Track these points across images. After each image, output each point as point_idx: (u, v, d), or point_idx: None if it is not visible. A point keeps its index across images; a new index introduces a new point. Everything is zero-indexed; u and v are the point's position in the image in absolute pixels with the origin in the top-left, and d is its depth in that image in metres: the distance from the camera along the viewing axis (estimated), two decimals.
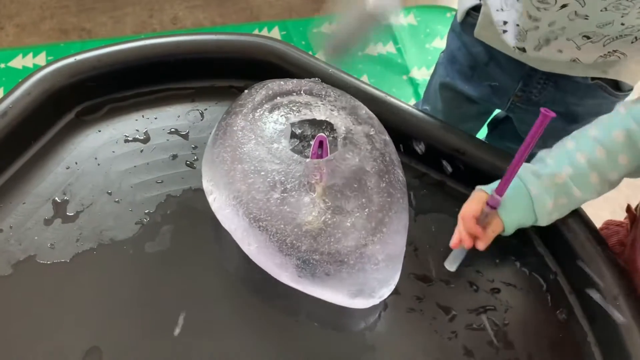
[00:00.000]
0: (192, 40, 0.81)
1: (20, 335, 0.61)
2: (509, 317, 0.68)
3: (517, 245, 0.74)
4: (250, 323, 0.63)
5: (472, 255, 0.72)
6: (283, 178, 0.61)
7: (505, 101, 0.90)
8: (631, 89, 0.83)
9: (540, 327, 0.68)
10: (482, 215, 0.68)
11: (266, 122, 0.66)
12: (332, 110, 0.69)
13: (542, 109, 0.55)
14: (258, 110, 0.67)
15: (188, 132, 0.79)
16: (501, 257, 0.72)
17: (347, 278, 0.60)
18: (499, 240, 0.73)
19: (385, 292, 0.63)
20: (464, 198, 0.77)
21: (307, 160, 0.63)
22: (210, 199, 0.66)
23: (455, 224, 0.71)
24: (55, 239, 0.68)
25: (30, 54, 1.78)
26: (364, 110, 0.70)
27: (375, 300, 0.63)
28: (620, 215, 0.83)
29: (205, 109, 0.81)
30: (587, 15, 0.68)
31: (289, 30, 1.91)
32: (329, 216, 0.60)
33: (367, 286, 0.61)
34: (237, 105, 0.69)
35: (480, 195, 0.70)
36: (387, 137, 0.69)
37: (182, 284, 0.66)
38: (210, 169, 0.66)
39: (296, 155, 0.63)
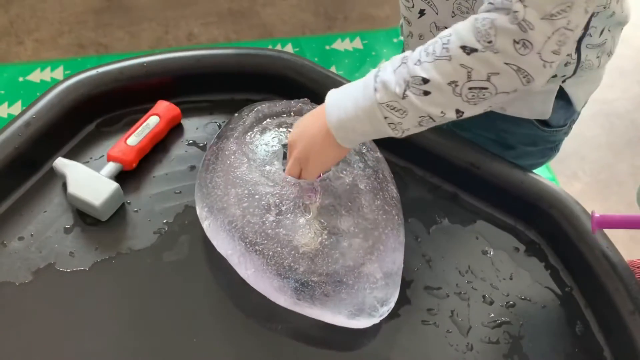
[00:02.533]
0: (212, 55, 0.83)
1: (39, 342, 0.62)
2: (524, 331, 0.68)
3: (531, 259, 0.74)
4: (263, 335, 0.64)
5: (486, 269, 0.72)
6: (277, 200, 0.62)
7: None
8: (564, 125, 0.80)
9: (555, 341, 0.68)
10: None
11: (258, 145, 0.67)
12: None
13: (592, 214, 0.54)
14: (249, 134, 0.69)
15: (206, 143, 0.80)
16: (516, 271, 0.72)
17: (346, 298, 0.60)
18: (514, 254, 0.74)
19: (385, 310, 0.63)
20: (477, 211, 0.77)
21: (301, 181, 0.63)
22: (204, 225, 0.67)
23: (469, 236, 0.71)
24: (75, 247, 0.69)
25: (48, 68, 1.81)
26: None
27: (376, 320, 0.63)
28: (634, 232, 0.82)
29: (223, 122, 0.83)
30: (445, 26, 0.67)
31: (302, 46, 1.94)
32: (326, 237, 0.60)
33: (366, 305, 0.61)
34: (228, 129, 0.70)
35: None
36: (379, 154, 0.70)
37: (198, 293, 0.67)
38: (203, 195, 0.67)
39: (289, 177, 0.64)
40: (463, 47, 0.49)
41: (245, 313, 0.65)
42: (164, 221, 0.72)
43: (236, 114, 0.72)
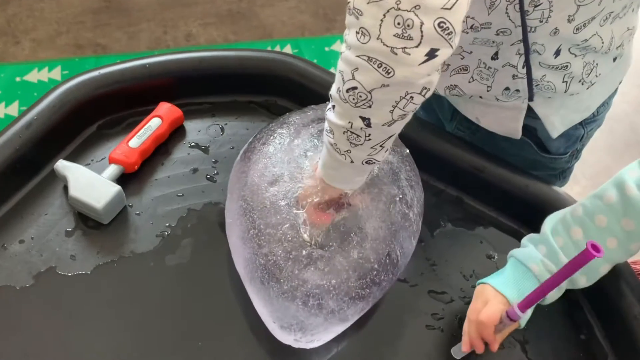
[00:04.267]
0: (214, 56, 0.83)
1: (40, 346, 0.61)
2: (529, 336, 0.67)
3: None
4: (266, 340, 0.63)
5: (490, 274, 0.71)
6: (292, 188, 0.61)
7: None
8: (565, 154, 0.79)
9: (560, 346, 0.67)
10: (499, 325, 0.60)
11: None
12: None
13: (588, 243, 0.49)
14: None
15: (208, 146, 0.79)
16: None
17: (274, 298, 0.58)
18: None
19: (303, 339, 0.59)
20: (482, 215, 0.77)
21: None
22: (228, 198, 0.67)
23: (473, 240, 0.71)
24: (76, 251, 0.68)
25: (46, 68, 1.80)
26: None
27: (292, 342, 0.60)
28: None
29: (226, 124, 0.82)
30: None
31: (301, 48, 1.93)
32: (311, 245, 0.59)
33: (288, 320, 0.58)
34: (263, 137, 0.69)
35: (496, 301, 0.61)
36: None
37: (202, 296, 0.66)
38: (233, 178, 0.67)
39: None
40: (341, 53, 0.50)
41: (249, 317, 0.64)
42: (167, 224, 0.71)
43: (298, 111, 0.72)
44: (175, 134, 0.80)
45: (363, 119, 0.50)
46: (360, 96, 0.48)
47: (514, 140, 0.77)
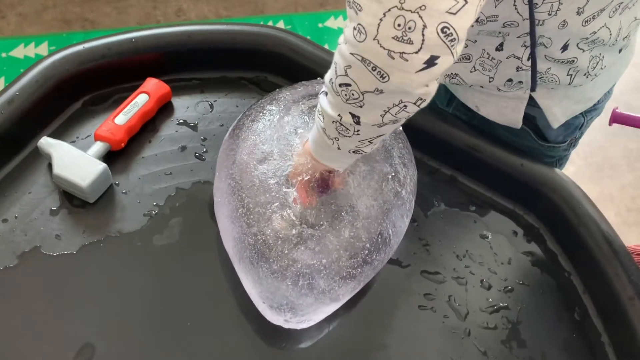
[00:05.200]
0: (204, 30, 0.80)
1: (24, 327, 0.60)
2: (522, 316, 0.67)
3: (530, 244, 0.73)
4: (256, 320, 0.62)
5: (484, 253, 0.71)
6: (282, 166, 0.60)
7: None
8: (563, 142, 0.78)
9: (553, 326, 0.67)
10: None
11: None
12: None
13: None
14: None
15: (197, 123, 0.77)
16: (514, 256, 0.71)
17: (264, 278, 0.57)
18: (513, 239, 0.73)
19: (291, 318, 0.58)
20: (475, 194, 0.76)
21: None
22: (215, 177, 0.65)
23: (467, 220, 0.69)
24: (61, 230, 0.66)
25: (32, 44, 1.76)
26: None
27: (282, 322, 0.59)
28: (626, 216, 0.82)
29: (215, 100, 0.80)
30: None
31: (294, 24, 1.90)
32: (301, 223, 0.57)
33: (278, 300, 0.57)
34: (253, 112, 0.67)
35: None
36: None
37: (190, 277, 0.65)
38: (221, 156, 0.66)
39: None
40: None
41: (239, 298, 0.63)
42: (154, 203, 0.69)
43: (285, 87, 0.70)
44: (163, 110, 0.78)
45: (353, 115, 0.48)
46: (353, 94, 0.46)
47: (512, 128, 0.76)
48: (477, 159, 0.75)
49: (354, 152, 0.54)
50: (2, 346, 0.58)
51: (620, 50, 0.68)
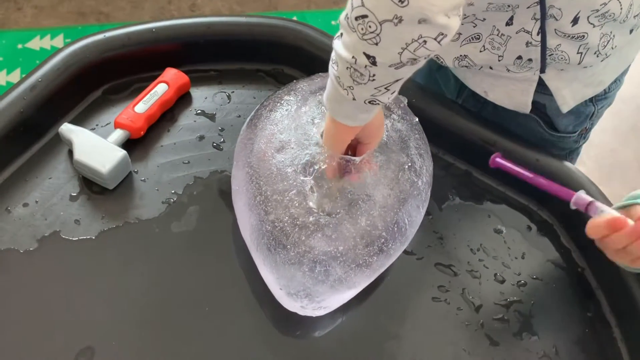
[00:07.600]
0: (223, 22, 0.81)
1: (43, 310, 0.61)
2: (535, 311, 0.67)
3: (544, 239, 0.73)
4: (272, 307, 0.63)
5: (498, 248, 0.71)
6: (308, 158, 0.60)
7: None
8: (573, 132, 0.78)
9: (566, 321, 0.67)
10: None
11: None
12: None
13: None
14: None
15: (215, 113, 0.78)
16: (528, 251, 0.72)
17: (281, 265, 0.57)
18: (526, 234, 0.73)
19: (309, 306, 0.59)
20: (490, 189, 0.76)
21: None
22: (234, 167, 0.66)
23: (481, 214, 0.70)
24: (80, 215, 0.67)
25: (48, 36, 1.78)
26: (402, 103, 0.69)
27: (299, 309, 0.59)
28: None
29: (232, 92, 0.81)
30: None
31: (307, 21, 1.89)
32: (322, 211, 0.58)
33: (295, 286, 0.58)
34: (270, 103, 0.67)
35: None
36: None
37: (208, 264, 0.66)
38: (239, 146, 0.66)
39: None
40: None
41: (255, 284, 0.64)
42: (172, 191, 0.70)
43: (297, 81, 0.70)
44: (182, 100, 0.79)
45: (368, 56, 0.46)
46: (370, 27, 0.44)
47: (522, 119, 0.76)
48: (492, 154, 0.75)
49: (370, 102, 0.51)
50: (24, 323, 0.59)
51: (631, 31, 0.68)
